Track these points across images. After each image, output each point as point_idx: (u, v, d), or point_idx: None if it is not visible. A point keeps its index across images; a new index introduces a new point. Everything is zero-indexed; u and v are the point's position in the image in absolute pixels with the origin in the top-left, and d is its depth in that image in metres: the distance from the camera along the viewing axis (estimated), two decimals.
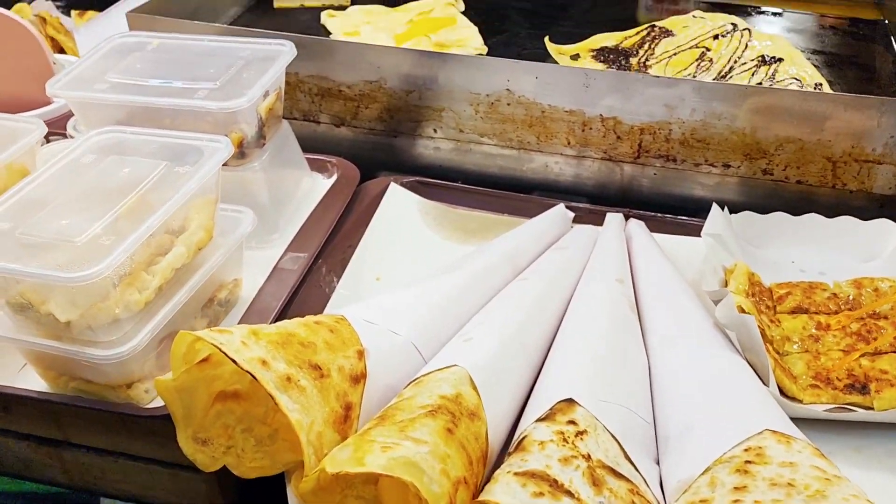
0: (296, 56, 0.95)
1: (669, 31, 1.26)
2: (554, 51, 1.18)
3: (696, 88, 0.91)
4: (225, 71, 0.89)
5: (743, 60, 1.18)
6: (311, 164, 1.03)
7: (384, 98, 1.02)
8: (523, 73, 0.95)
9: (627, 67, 1.16)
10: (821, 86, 1.11)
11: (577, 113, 0.96)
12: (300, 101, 1.05)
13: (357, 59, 0.99)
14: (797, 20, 1.33)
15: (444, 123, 1.01)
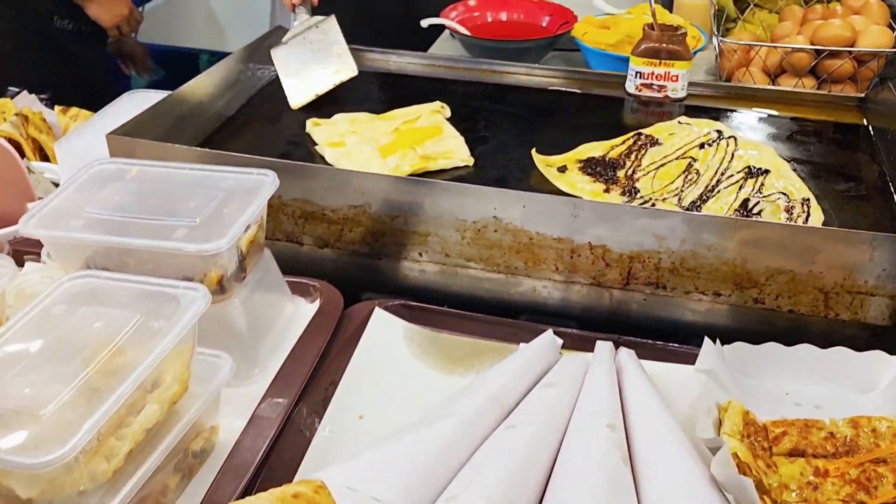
0: (279, 178, 0.94)
1: (656, 140, 1.25)
2: (541, 163, 1.17)
3: (686, 220, 0.90)
4: (206, 205, 0.87)
5: (730, 172, 1.17)
6: (293, 288, 1.01)
7: (368, 222, 1.00)
8: (511, 201, 0.94)
9: (615, 180, 1.15)
10: (808, 201, 1.10)
11: (565, 241, 0.95)
12: (283, 223, 1.03)
13: (342, 185, 0.98)
14: (780, 124, 1.33)
15: (429, 248, 1.00)
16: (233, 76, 1.35)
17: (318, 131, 1.23)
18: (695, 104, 1.40)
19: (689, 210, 1.08)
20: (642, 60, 1.38)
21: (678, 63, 1.37)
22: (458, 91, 1.43)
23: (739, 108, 1.38)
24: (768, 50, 1.54)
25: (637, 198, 1.11)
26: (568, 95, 1.42)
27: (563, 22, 1.74)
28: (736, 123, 1.33)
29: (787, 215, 1.07)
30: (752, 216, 1.07)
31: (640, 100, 1.41)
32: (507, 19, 1.80)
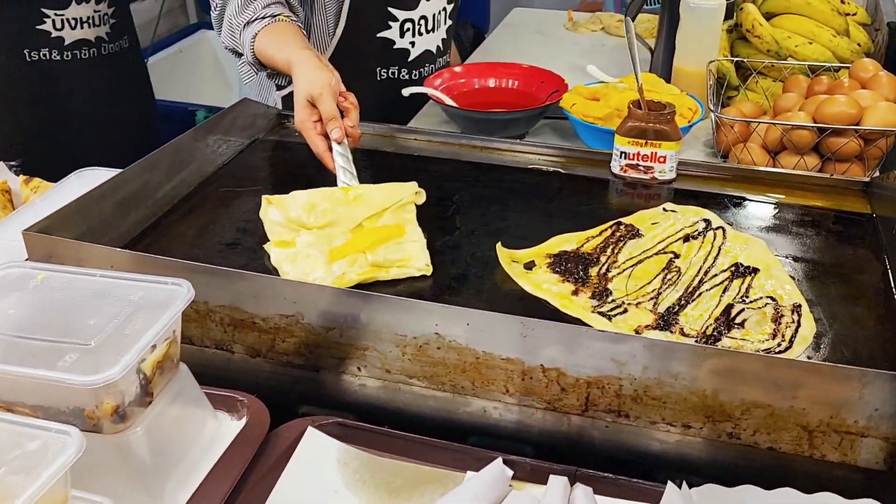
0: (205, 284, 0.85)
1: (636, 231, 1.15)
2: (506, 259, 1.07)
3: (648, 346, 0.79)
4: (107, 323, 0.78)
5: (714, 271, 1.06)
6: (219, 402, 0.92)
7: (302, 333, 0.90)
8: (453, 318, 0.84)
9: (586, 280, 1.04)
10: (799, 308, 0.99)
11: (515, 362, 0.84)
12: (212, 330, 0.94)
13: (271, 293, 0.89)
14: (776, 212, 1.22)
15: (368, 362, 0.90)
16: (188, 154, 1.27)
17: (269, 220, 1.14)
18: (684, 186, 1.29)
19: (665, 316, 0.98)
20: (627, 140, 1.29)
21: (666, 143, 1.27)
22: (433, 169, 1.34)
23: (733, 191, 1.27)
24: (769, 125, 1.43)
25: (608, 301, 1.01)
26: (549, 176, 1.33)
27: (554, 90, 1.65)
28: (728, 210, 1.22)
29: (774, 326, 0.96)
30: (734, 327, 0.96)
31: (625, 181, 1.31)
32: (495, 86, 1.72)
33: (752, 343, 0.93)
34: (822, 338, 0.95)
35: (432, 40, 1.71)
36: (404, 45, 1.68)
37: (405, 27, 1.65)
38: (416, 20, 1.66)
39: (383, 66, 1.68)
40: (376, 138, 1.44)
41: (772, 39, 1.69)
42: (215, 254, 1.09)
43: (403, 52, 1.68)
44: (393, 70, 1.69)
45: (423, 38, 1.68)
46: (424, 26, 1.67)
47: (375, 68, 1.68)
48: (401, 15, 1.64)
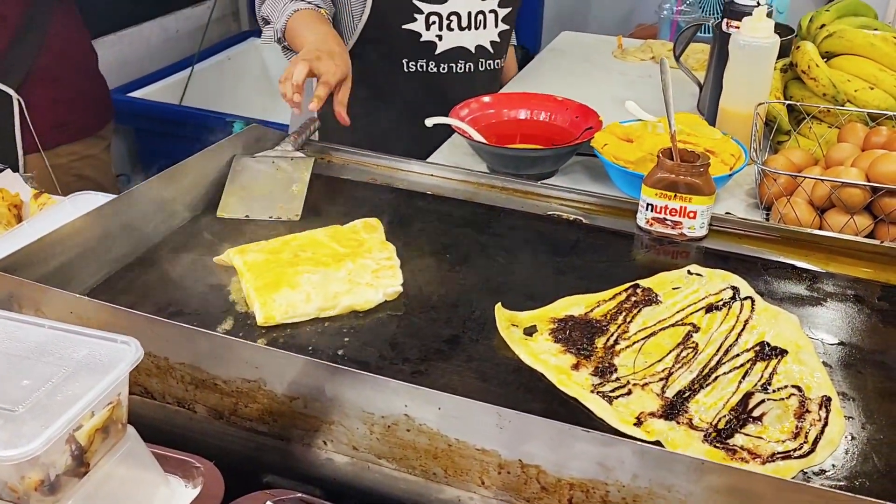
0: (164, 339, 0.78)
1: (654, 296, 1.05)
2: (504, 322, 0.98)
3: (638, 453, 0.69)
4: (41, 385, 0.71)
5: (736, 350, 0.95)
6: (173, 466, 0.84)
7: (265, 400, 0.83)
8: (423, 401, 0.75)
9: (590, 352, 0.95)
10: (829, 402, 0.88)
11: (490, 453, 0.75)
12: (173, 387, 0.87)
13: (230, 355, 0.81)
14: (815, 281, 1.10)
15: (334, 437, 0.82)
16: (184, 183, 1.21)
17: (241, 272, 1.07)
18: (715, 245, 1.18)
19: (674, 402, 0.87)
20: (655, 192, 1.18)
21: (697, 198, 1.16)
22: (444, 211, 1.26)
23: (768, 253, 1.16)
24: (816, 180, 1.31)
25: (611, 379, 0.91)
26: (568, 225, 1.23)
27: (588, 127, 1.55)
28: (761, 276, 1.11)
29: (797, 422, 0.85)
30: (751, 420, 0.85)
31: (651, 236, 1.20)
32: (525, 118, 1.62)
33: (769, 442, 0.82)
34: (852, 441, 0.83)
35: (468, 38, 1.69)
36: (430, 38, 1.66)
37: (431, 20, 1.64)
38: (443, 14, 1.64)
39: (410, 59, 1.68)
40: (390, 171, 1.37)
41: (829, 82, 1.56)
42: (196, 295, 1.03)
43: (430, 45, 1.66)
44: (421, 63, 1.68)
45: (453, 34, 1.66)
46: (457, 22, 1.65)
47: (402, 60, 1.68)
48: (426, 8, 1.63)
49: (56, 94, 1.92)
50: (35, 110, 1.86)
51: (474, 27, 1.68)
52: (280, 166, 1.29)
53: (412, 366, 0.92)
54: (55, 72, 1.92)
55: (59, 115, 1.93)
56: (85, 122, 2.01)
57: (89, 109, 2.04)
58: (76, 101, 1.98)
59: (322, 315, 1.00)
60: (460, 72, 1.71)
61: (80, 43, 2.02)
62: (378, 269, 1.06)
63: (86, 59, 2.04)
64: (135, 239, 1.11)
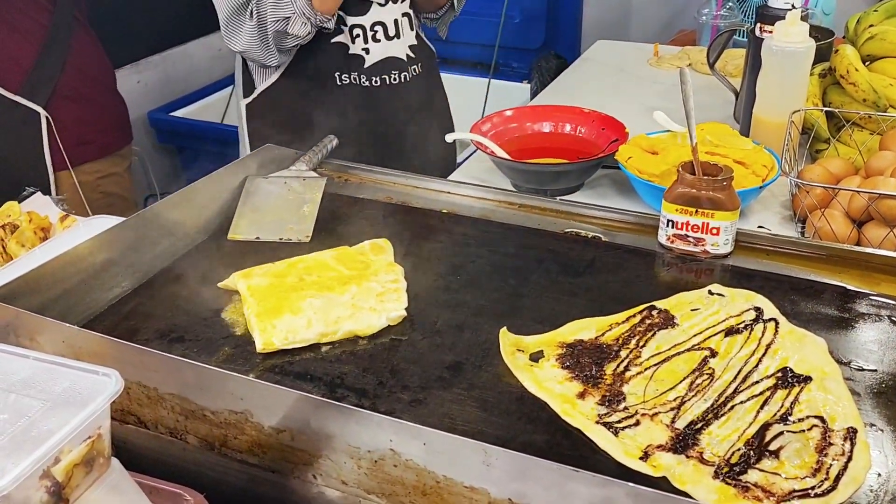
0: (153, 370, 0.76)
1: (671, 318, 0.99)
2: (509, 347, 0.94)
3: (632, 494, 0.65)
4: (18, 419, 0.70)
5: (756, 377, 0.90)
6: (163, 497, 0.83)
7: (253, 432, 0.80)
8: (409, 435, 0.72)
9: (599, 379, 0.90)
10: (854, 434, 0.81)
11: (479, 491, 0.71)
12: (164, 417, 0.86)
13: (217, 386, 0.79)
14: (847, 302, 1.04)
15: (323, 471, 0.79)
16: (191, 205, 1.21)
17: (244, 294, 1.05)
18: (741, 263, 1.12)
19: (685, 435, 0.82)
20: (676, 207, 1.13)
21: (720, 213, 1.11)
22: (457, 231, 1.22)
23: (797, 271, 1.10)
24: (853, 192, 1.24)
25: (619, 409, 0.86)
26: (585, 243, 1.18)
27: (614, 139, 1.50)
28: (787, 295, 1.04)
29: (818, 457, 0.79)
30: (767, 455, 0.79)
31: (672, 253, 1.15)
32: (550, 131, 1.58)
33: (786, 479, 0.77)
34: (878, 479, 0.77)
35: (397, 47, 1.66)
36: (357, 51, 1.63)
37: (355, 32, 1.62)
38: (366, 26, 1.62)
39: (343, 72, 1.64)
40: (407, 189, 1.34)
41: (869, 88, 1.48)
42: (198, 321, 1.01)
43: (358, 58, 1.64)
44: (354, 76, 1.65)
45: (381, 45, 1.64)
46: (383, 32, 1.63)
47: (334, 73, 1.65)
48: (349, 20, 1.61)
49: (79, 112, 1.95)
50: (60, 128, 1.89)
51: (397, 36, 1.66)
52: (291, 187, 1.27)
53: (411, 394, 0.89)
54: (78, 90, 1.95)
55: (82, 132, 1.96)
56: (107, 141, 2.05)
57: (110, 128, 2.08)
58: (98, 119, 2.02)
59: (323, 340, 0.97)
60: (395, 82, 1.67)
61: (100, 62, 2.06)
62: (383, 293, 1.03)
63: (105, 77, 2.08)
64: (143, 262, 1.11)
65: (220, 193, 1.26)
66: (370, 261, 1.11)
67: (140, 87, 2.95)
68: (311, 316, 0.98)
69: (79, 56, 1.93)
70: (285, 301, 1.01)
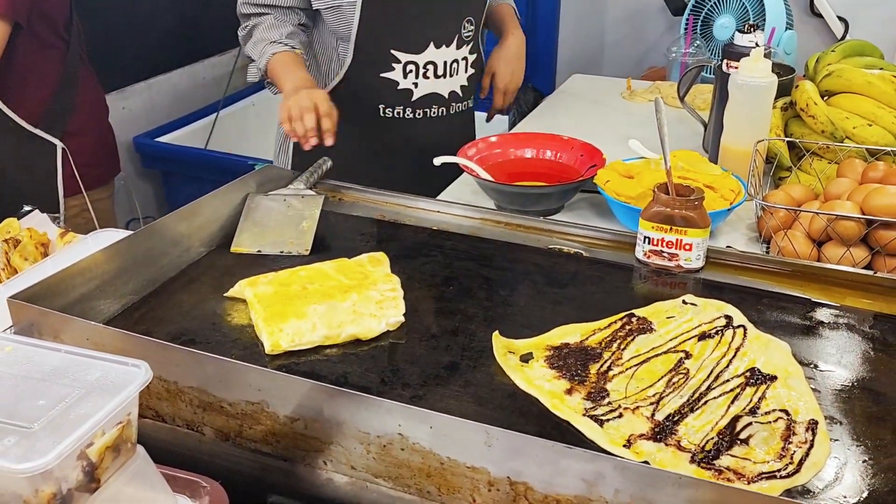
0: (174, 364, 0.83)
1: (648, 325, 1.08)
2: (501, 349, 1.02)
3: (619, 468, 0.72)
4: (55, 405, 0.76)
5: (726, 376, 0.98)
6: (182, 485, 0.88)
7: (268, 421, 0.87)
8: (416, 420, 0.79)
9: (584, 378, 0.98)
10: (815, 425, 0.90)
11: (480, 471, 0.78)
12: (182, 410, 0.92)
13: (235, 378, 0.86)
14: (809, 311, 1.13)
15: (333, 457, 0.85)
16: (198, 219, 1.27)
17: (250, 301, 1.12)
18: (712, 277, 1.21)
19: (663, 425, 0.90)
20: (652, 225, 1.22)
21: (692, 231, 1.20)
22: (447, 246, 1.30)
23: (764, 284, 1.19)
24: (813, 214, 1.34)
25: (603, 403, 0.94)
26: (567, 258, 1.27)
27: (592, 164, 1.59)
28: (755, 306, 1.13)
29: (783, 444, 0.88)
30: (737, 443, 0.87)
31: (649, 268, 1.24)
32: (531, 157, 1.67)
33: (755, 463, 0.85)
34: (837, 463, 0.85)
35: (442, 85, 1.78)
36: (407, 86, 1.74)
37: (408, 69, 1.72)
38: (420, 64, 1.73)
39: (387, 105, 1.75)
40: (398, 207, 1.42)
41: (827, 120, 1.59)
42: (208, 326, 1.08)
43: (407, 92, 1.75)
44: (398, 109, 1.76)
45: (429, 82, 1.75)
46: (433, 71, 1.74)
47: (378, 105, 1.76)
48: (403, 58, 1.71)
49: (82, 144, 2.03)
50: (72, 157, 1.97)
51: (448, 75, 1.77)
52: (291, 204, 1.34)
53: (412, 391, 0.96)
54: (84, 123, 2.04)
55: (84, 163, 2.03)
56: (101, 171, 2.15)
57: (105, 158, 2.17)
58: (97, 150, 2.11)
59: (326, 343, 1.04)
60: (433, 116, 1.79)
61: (99, 95, 2.16)
62: (382, 301, 1.10)
63: (102, 110, 2.18)
64: (151, 272, 1.17)
65: (223, 209, 1.32)
66: (368, 272, 1.18)
67: (125, 114, 3.00)
68: (316, 320, 1.05)
69: (84, 91, 2.02)
70: (290, 307, 1.07)
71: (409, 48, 1.71)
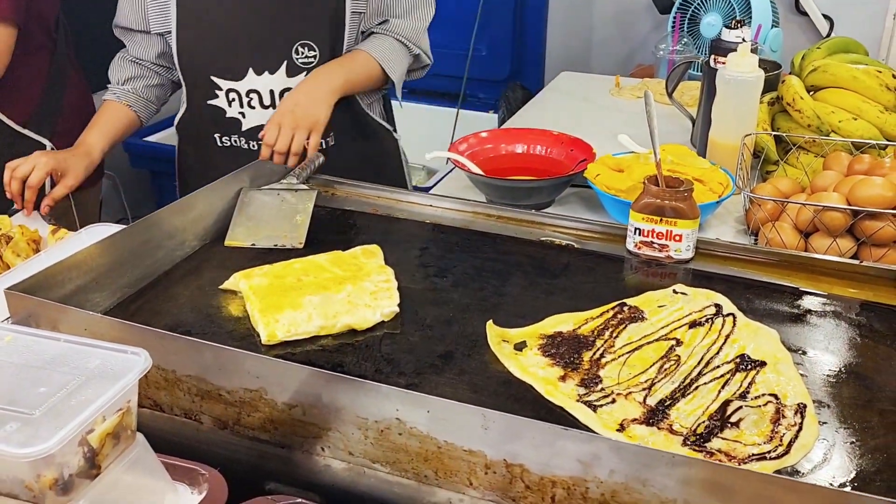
0: (173, 353, 0.83)
1: (640, 313, 1.09)
2: (495, 338, 1.03)
3: (615, 448, 0.74)
4: (56, 391, 0.77)
5: (716, 363, 1.00)
6: (180, 474, 0.89)
7: (266, 409, 0.88)
8: (414, 405, 0.80)
9: (577, 365, 0.99)
10: (804, 408, 0.92)
11: (477, 454, 0.80)
12: (180, 399, 0.92)
13: (233, 366, 0.87)
14: (797, 299, 1.15)
15: (331, 443, 0.86)
16: (195, 212, 1.28)
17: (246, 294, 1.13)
18: (702, 267, 1.23)
19: (655, 410, 0.91)
20: (642, 216, 1.24)
21: (682, 222, 1.22)
22: (440, 238, 1.32)
23: (752, 274, 1.21)
24: (800, 205, 1.36)
25: (596, 389, 0.95)
26: (559, 250, 1.28)
27: (582, 159, 1.61)
28: (744, 295, 1.15)
29: (772, 427, 0.89)
30: (728, 426, 0.89)
31: (639, 259, 1.25)
32: (522, 152, 1.69)
33: (745, 446, 0.86)
34: (825, 444, 0.87)
35: None
36: (234, 115, 1.68)
37: (230, 97, 1.66)
38: (242, 92, 1.65)
39: (222, 134, 1.71)
40: (391, 202, 1.43)
41: (813, 114, 1.62)
42: (203, 317, 1.09)
43: (235, 122, 1.69)
44: (233, 138, 1.71)
45: (255, 112, 1.66)
46: (258, 100, 1.65)
47: (213, 135, 1.72)
48: (224, 84, 1.65)
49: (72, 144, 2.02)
50: None
51: (274, 106, 1.65)
52: (285, 198, 1.35)
53: (407, 379, 0.97)
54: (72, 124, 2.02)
55: None
56: None
57: None
58: None
59: (322, 333, 1.05)
60: None
61: (87, 97, 2.15)
62: (376, 291, 1.12)
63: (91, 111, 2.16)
64: (146, 265, 1.17)
65: (217, 203, 1.33)
66: (362, 263, 1.19)
67: None
68: (311, 311, 1.06)
69: (71, 90, 2.01)
70: (286, 298, 1.08)
71: (228, 75, 1.64)
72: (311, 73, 1.60)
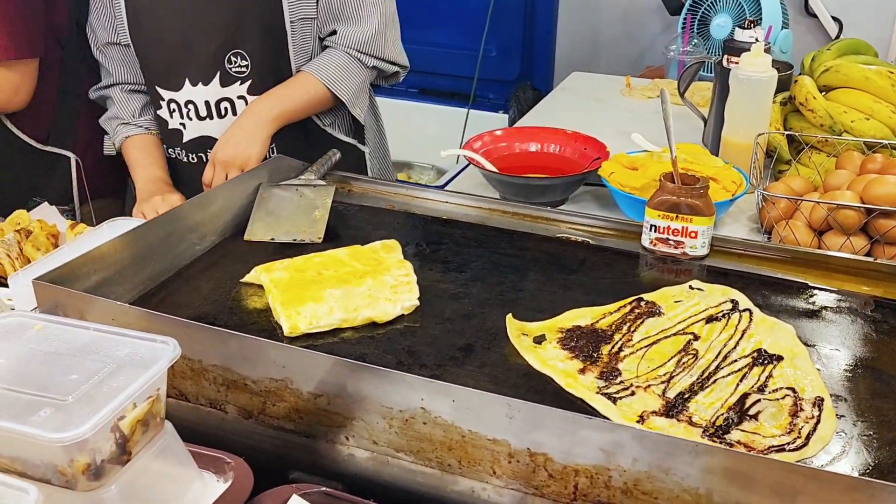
0: (198, 343, 0.85)
1: (657, 308, 1.10)
2: (515, 331, 1.04)
3: (637, 437, 0.75)
4: (87, 379, 0.78)
5: (734, 357, 1.01)
6: (206, 462, 0.90)
7: (291, 398, 0.89)
8: (439, 394, 0.81)
9: (596, 358, 1.00)
10: (821, 402, 0.93)
11: (501, 443, 0.81)
12: (206, 389, 0.94)
13: (259, 356, 0.88)
14: (812, 296, 1.16)
15: (355, 432, 0.88)
16: (215, 207, 1.30)
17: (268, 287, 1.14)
18: (717, 264, 1.24)
19: (674, 403, 0.93)
20: (658, 213, 1.25)
21: (698, 218, 1.23)
22: (457, 234, 1.33)
23: (767, 271, 1.22)
24: (814, 203, 1.37)
25: (616, 382, 0.97)
26: (575, 246, 1.29)
27: (596, 157, 1.62)
28: (759, 291, 1.16)
29: (791, 420, 0.90)
30: (747, 418, 0.90)
31: (655, 255, 1.27)
32: (536, 151, 1.70)
33: (764, 437, 0.88)
34: (843, 437, 0.88)
35: (215, 127, 1.64)
36: (176, 126, 1.67)
37: (171, 107, 1.64)
38: (180, 102, 1.63)
39: (168, 146, 1.71)
40: (407, 198, 1.44)
41: (826, 114, 1.63)
42: (225, 310, 1.10)
43: (177, 133, 1.67)
44: (176, 150, 1.70)
45: (193, 123, 1.64)
46: (194, 111, 1.63)
47: (165, 146, 1.72)
48: (165, 94, 1.64)
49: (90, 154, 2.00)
50: None
51: (218, 116, 1.63)
52: (303, 193, 1.37)
53: (429, 371, 0.98)
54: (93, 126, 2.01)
55: (96, 173, 2.00)
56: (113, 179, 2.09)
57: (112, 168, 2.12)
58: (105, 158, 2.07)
59: (343, 326, 1.06)
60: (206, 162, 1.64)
61: None
62: (396, 285, 1.13)
63: None
64: (167, 259, 1.19)
65: (236, 199, 1.35)
66: (381, 258, 1.20)
67: None
68: (333, 304, 1.07)
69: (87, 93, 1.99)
70: (307, 291, 1.10)
71: (167, 85, 1.62)
72: (249, 104, 1.59)
